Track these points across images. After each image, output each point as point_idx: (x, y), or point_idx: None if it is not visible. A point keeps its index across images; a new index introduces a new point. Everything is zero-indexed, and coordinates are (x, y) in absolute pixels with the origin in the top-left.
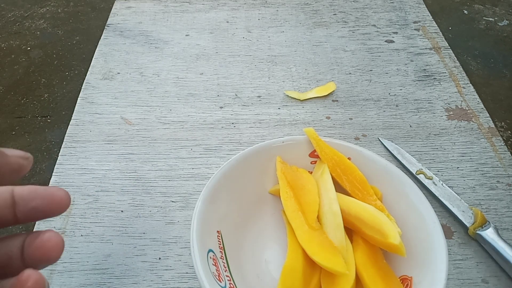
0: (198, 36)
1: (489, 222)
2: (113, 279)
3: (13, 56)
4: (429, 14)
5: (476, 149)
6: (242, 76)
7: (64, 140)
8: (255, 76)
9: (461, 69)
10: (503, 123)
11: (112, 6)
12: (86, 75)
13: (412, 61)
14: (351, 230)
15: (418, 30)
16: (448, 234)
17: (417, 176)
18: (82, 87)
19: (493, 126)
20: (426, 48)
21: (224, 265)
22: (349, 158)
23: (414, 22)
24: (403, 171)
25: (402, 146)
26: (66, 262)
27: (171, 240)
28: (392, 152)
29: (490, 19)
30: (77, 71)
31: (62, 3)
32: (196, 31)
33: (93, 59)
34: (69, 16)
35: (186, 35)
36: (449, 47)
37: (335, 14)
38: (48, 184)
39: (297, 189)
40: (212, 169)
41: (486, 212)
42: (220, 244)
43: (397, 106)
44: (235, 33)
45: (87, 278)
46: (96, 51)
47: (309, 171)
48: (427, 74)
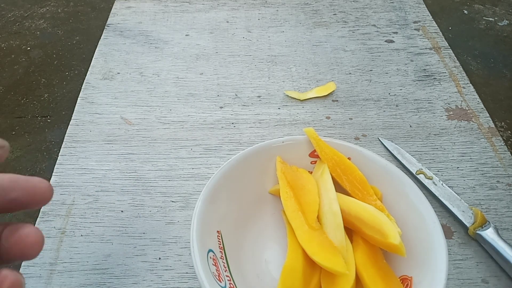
0: (198, 36)
1: (489, 222)
2: (113, 279)
3: (13, 56)
4: (429, 14)
5: (476, 149)
6: (242, 76)
7: (64, 140)
8: (255, 76)
9: (461, 69)
10: (503, 123)
11: (112, 6)
12: (86, 75)
13: (412, 61)
14: (351, 230)
15: (418, 30)
16: (448, 234)
17: (417, 176)
18: (82, 87)
19: (493, 126)
20: (426, 48)
21: (224, 265)
22: (349, 158)
23: (414, 22)
24: (403, 171)
25: (402, 146)
26: (66, 262)
27: (171, 240)
28: (392, 152)
29: (490, 19)
30: (77, 71)
31: (62, 3)
32: (196, 31)
33: (93, 59)
34: (69, 16)
35: (186, 35)
36: (449, 47)
37: (335, 14)
38: None
39: (297, 189)
40: (212, 169)
41: (486, 212)
42: (220, 244)
43: (397, 106)
44: (235, 33)
45: (87, 278)
46: (96, 51)
47: (309, 171)
48: (427, 74)
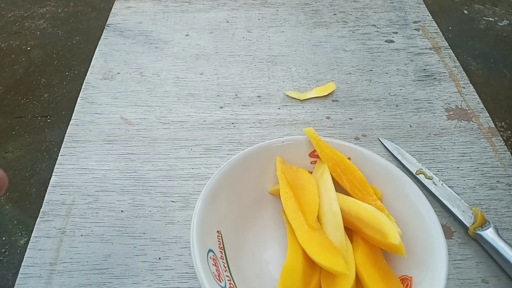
0: (198, 36)
1: (489, 222)
2: (113, 279)
3: (13, 56)
4: (429, 14)
5: (476, 149)
6: (242, 76)
7: (64, 140)
8: (255, 76)
9: (461, 69)
10: (503, 123)
11: (112, 6)
12: (86, 75)
13: (412, 61)
14: (351, 230)
15: (418, 30)
16: (448, 234)
17: (417, 176)
18: (82, 87)
19: (493, 126)
20: (426, 48)
21: (224, 265)
22: (349, 158)
23: (414, 22)
24: (403, 171)
25: (402, 146)
26: (66, 262)
27: (171, 240)
28: (392, 152)
29: (490, 19)
30: (77, 71)
31: (62, 3)
32: (196, 31)
33: (93, 59)
34: (69, 16)
35: (186, 35)
36: (449, 47)
37: (335, 14)
38: (48, 184)
39: (297, 189)
40: (212, 169)
41: (486, 212)
42: (220, 244)
43: (397, 106)
44: (235, 33)
45: (87, 278)
46: (96, 51)
47: (309, 171)
48: (427, 74)
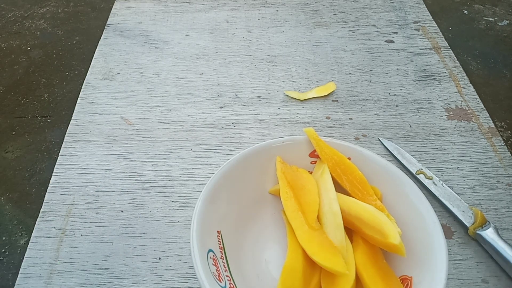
0: (198, 36)
1: (489, 222)
2: (113, 279)
3: (13, 56)
4: (429, 14)
5: (476, 149)
6: (242, 76)
7: (64, 140)
8: (255, 76)
9: (461, 69)
10: (503, 123)
11: (112, 6)
12: (86, 75)
13: (412, 61)
14: (351, 230)
15: (418, 30)
16: (448, 234)
17: (417, 176)
18: (82, 87)
19: (493, 126)
20: (426, 48)
21: (224, 265)
22: (349, 158)
23: (414, 22)
24: (403, 171)
25: (402, 146)
26: (66, 262)
27: (171, 240)
28: (392, 152)
29: (490, 19)
30: (77, 71)
31: (62, 3)
32: (196, 31)
33: (93, 59)
34: (69, 16)
35: (186, 35)
36: (449, 47)
37: (335, 14)
38: (48, 184)
39: (297, 189)
40: (212, 169)
41: (486, 212)
42: (220, 244)
43: (397, 106)
44: (235, 33)
45: (87, 278)
46: (96, 51)
47: (309, 171)
48: (427, 74)
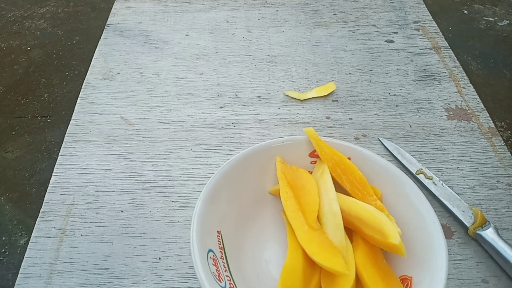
0: (198, 36)
1: (489, 222)
2: (113, 279)
3: (13, 56)
4: (429, 14)
5: (476, 149)
6: (242, 76)
7: (64, 140)
8: (255, 76)
9: (461, 69)
10: (503, 123)
11: (112, 6)
12: (86, 75)
13: (412, 61)
14: (351, 230)
15: (418, 30)
16: (448, 234)
17: (417, 176)
18: (82, 87)
19: (493, 126)
20: (426, 48)
21: (224, 265)
22: (349, 158)
23: (414, 22)
24: (403, 171)
25: (402, 146)
26: (66, 262)
27: (171, 240)
28: (392, 152)
29: (490, 19)
30: (77, 71)
31: (62, 3)
32: (196, 31)
33: (93, 59)
34: (69, 16)
35: (186, 35)
36: (449, 47)
37: (335, 14)
38: (48, 184)
39: (297, 189)
40: (212, 169)
41: (486, 212)
42: (220, 244)
43: (397, 106)
44: (235, 33)
45: (87, 278)
46: (96, 51)
47: (309, 171)
48: (427, 74)
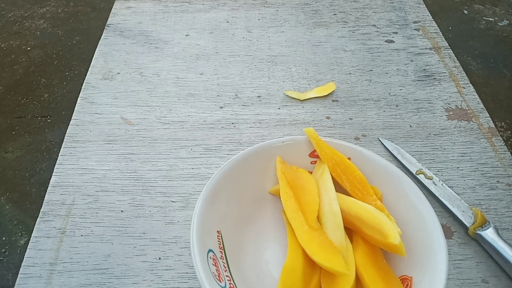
0: (198, 36)
1: (489, 222)
2: (113, 279)
3: (13, 56)
4: (429, 14)
5: (476, 149)
6: (242, 76)
7: (64, 140)
8: (255, 76)
9: (461, 69)
10: (503, 123)
11: (112, 6)
12: (86, 75)
13: (412, 61)
14: (351, 230)
15: (418, 30)
16: (448, 234)
17: (417, 176)
18: (82, 87)
19: (493, 126)
20: (426, 48)
21: (224, 265)
22: (349, 158)
23: (414, 22)
24: (403, 171)
25: (402, 146)
26: (66, 262)
27: (171, 240)
28: (392, 152)
29: (490, 19)
30: (77, 71)
31: (62, 3)
32: (196, 31)
33: (93, 59)
34: (69, 16)
35: (186, 35)
36: (449, 47)
37: (335, 14)
38: (48, 184)
39: (297, 189)
40: (212, 169)
41: (486, 212)
42: (220, 244)
43: (397, 106)
44: (235, 33)
45: (87, 278)
46: (96, 51)
47: (309, 171)
48: (427, 74)
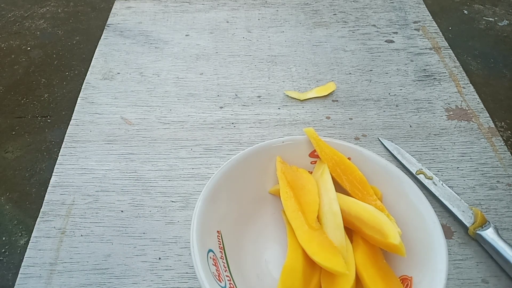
0: (198, 36)
1: (489, 222)
2: (113, 279)
3: (13, 56)
4: (429, 14)
5: (476, 149)
6: (242, 76)
7: (64, 140)
8: (255, 76)
9: (461, 69)
10: (503, 123)
11: (112, 6)
12: (86, 75)
13: (412, 61)
14: (351, 230)
15: (418, 30)
16: (448, 234)
17: (417, 176)
18: (82, 87)
19: (493, 126)
20: (426, 48)
21: (224, 265)
22: (349, 158)
23: (414, 22)
24: (403, 171)
25: (402, 146)
26: (66, 262)
27: (171, 240)
28: (392, 152)
29: (490, 19)
30: (77, 71)
31: (62, 3)
32: (196, 31)
33: (93, 59)
34: (69, 16)
35: (186, 35)
36: (449, 47)
37: (335, 14)
38: (48, 184)
39: (297, 189)
40: (212, 169)
41: (486, 212)
42: (220, 244)
43: (397, 106)
44: (235, 33)
45: (87, 278)
46: (96, 51)
47: (309, 171)
48: (427, 74)
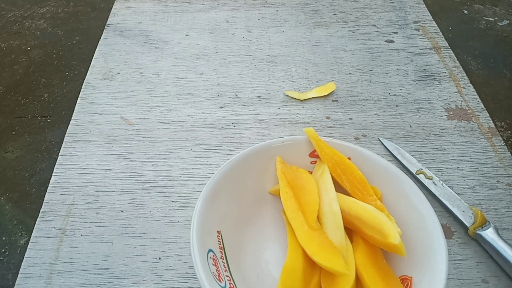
0: (198, 36)
1: (489, 222)
2: (113, 279)
3: (13, 56)
4: (429, 14)
5: (476, 149)
6: (242, 76)
7: (64, 140)
8: (255, 76)
9: (461, 69)
10: (503, 123)
11: (112, 6)
12: (86, 75)
13: (412, 61)
14: (351, 230)
15: (418, 30)
16: (448, 234)
17: (417, 176)
18: (82, 87)
19: (493, 126)
20: (426, 48)
21: (224, 265)
22: (349, 158)
23: (414, 22)
24: (403, 171)
25: (402, 146)
26: (66, 262)
27: (171, 240)
28: (392, 152)
29: (490, 19)
30: (77, 71)
31: (62, 3)
32: (196, 31)
33: (93, 59)
34: (69, 16)
35: (186, 35)
36: (449, 47)
37: (335, 14)
38: (48, 184)
39: (297, 189)
40: (212, 169)
41: (486, 212)
42: (220, 244)
43: (397, 106)
44: (235, 33)
45: (87, 278)
46: (96, 51)
47: (309, 171)
48: (427, 74)
